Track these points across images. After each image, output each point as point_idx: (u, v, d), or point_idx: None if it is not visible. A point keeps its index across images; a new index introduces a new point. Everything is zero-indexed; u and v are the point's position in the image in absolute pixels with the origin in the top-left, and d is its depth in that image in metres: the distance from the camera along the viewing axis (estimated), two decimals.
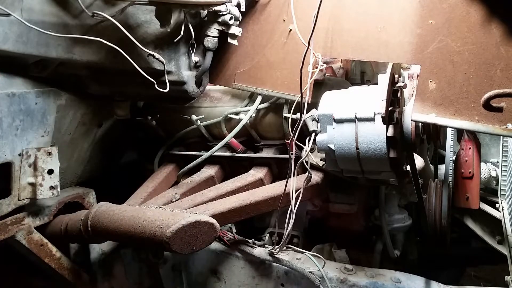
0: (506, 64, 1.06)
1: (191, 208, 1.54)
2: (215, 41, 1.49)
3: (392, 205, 1.80)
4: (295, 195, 1.31)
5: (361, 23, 1.35)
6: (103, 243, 1.62)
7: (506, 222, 1.64)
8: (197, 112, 1.86)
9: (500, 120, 1.05)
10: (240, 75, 1.64)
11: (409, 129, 1.17)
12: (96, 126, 1.95)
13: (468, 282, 2.13)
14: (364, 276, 1.33)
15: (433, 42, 1.18)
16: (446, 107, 1.14)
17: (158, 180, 1.87)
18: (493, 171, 1.85)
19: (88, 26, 1.36)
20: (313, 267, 1.35)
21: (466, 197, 1.60)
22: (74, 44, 1.36)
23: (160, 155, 2.04)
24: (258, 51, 1.59)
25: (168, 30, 1.43)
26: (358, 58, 1.44)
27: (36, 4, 1.26)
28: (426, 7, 1.21)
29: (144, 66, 1.39)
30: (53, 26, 1.29)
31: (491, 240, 1.85)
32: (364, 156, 1.22)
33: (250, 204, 1.48)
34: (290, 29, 1.50)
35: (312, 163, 1.46)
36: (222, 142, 1.71)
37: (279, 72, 1.54)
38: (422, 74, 1.20)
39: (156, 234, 1.26)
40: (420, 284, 1.28)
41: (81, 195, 1.78)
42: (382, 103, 1.10)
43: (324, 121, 1.31)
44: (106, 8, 1.34)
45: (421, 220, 1.55)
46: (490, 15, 1.09)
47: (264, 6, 1.57)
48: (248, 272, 1.54)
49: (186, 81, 1.53)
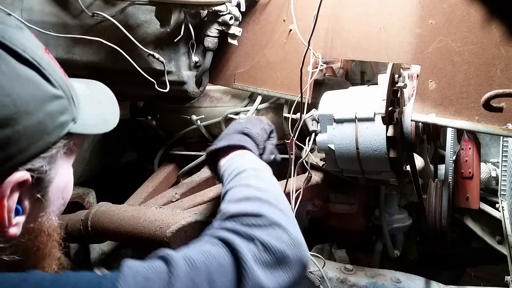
0: (506, 64, 1.06)
1: (191, 208, 1.54)
2: (215, 41, 1.49)
3: (392, 205, 1.80)
4: (295, 195, 1.31)
5: (361, 23, 1.35)
6: (103, 243, 1.62)
7: (506, 222, 1.64)
8: (197, 112, 1.86)
9: (500, 120, 1.05)
10: (240, 75, 1.64)
11: (409, 129, 1.17)
12: None
13: (468, 282, 2.13)
14: (364, 276, 1.33)
15: (433, 42, 1.18)
16: (446, 107, 1.14)
17: (158, 180, 1.87)
18: (493, 171, 1.85)
19: (88, 26, 1.36)
20: (313, 267, 1.35)
21: (466, 197, 1.60)
22: (74, 44, 1.36)
23: (160, 155, 2.04)
24: (258, 51, 1.59)
25: (168, 30, 1.43)
26: (358, 58, 1.44)
27: (36, 4, 1.26)
28: (426, 7, 1.21)
29: (144, 66, 1.39)
30: (53, 26, 1.29)
31: (491, 240, 1.85)
32: (364, 156, 1.22)
33: None
34: (290, 29, 1.50)
35: (312, 163, 1.46)
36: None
37: (279, 72, 1.54)
38: (422, 74, 1.20)
39: (156, 234, 1.26)
40: (420, 284, 1.28)
41: (81, 195, 1.78)
42: (382, 103, 1.10)
43: (324, 121, 1.31)
44: (106, 8, 1.34)
45: (421, 220, 1.55)
46: (490, 15, 1.09)
47: (264, 6, 1.57)
48: None
49: (186, 81, 1.53)
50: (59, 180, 0.70)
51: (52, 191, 0.69)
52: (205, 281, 0.64)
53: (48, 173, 0.65)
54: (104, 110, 0.80)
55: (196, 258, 0.67)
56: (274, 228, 0.76)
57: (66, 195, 0.75)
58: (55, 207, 0.71)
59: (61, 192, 0.72)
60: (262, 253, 0.70)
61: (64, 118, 0.66)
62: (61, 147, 0.67)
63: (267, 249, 0.71)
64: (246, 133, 1.12)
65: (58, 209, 0.73)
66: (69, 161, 0.74)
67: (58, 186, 0.70)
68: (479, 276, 2.19)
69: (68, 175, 0.74)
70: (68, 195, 0.76)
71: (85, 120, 0.71)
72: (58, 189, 0.71)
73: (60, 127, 0.65)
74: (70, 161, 0.74)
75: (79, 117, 0.70)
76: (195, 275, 0.64)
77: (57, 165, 0.68)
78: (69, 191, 0.76)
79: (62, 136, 0.66)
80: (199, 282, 0.63)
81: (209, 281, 0.64)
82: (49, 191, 0.68)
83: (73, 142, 0.71)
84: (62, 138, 0.66)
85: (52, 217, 0.70)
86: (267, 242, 0.72)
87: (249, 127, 1.14)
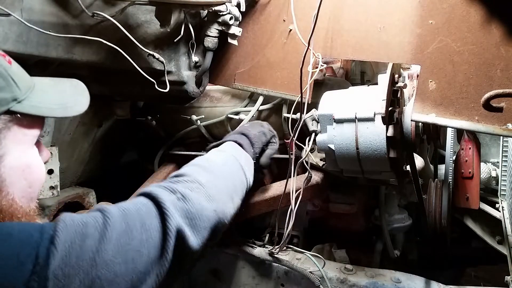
0: (506, 64, 1.06)
1: None
2: (215, 41, 1.49)
3: (392, 205, 1.80)
4: (295, 195, 1.31)
5: (361, 23, 1.35)
6: None
7: (506, 222, 1.64)
8: (197, 112, 1.86)
9: (500, 120, 1.05)
10: (240, 75, 1.64)
11: (409, 129, 1.17)
12: (96, 126, 1.95)
13: (468, 282, 2.13)
14: (364, 276, 1.33)
15: (433, 42, 1.18)
16: (446, 107, 1.14)
17: (158, 180, 1.87)
18: (493, 171, 1.85)
19: (88, 26, 1.36)
20: (313, 267, 1.35)
21: (466, 197, 1.60)
22: (74, 44, 1.36)
23: (160, 155, 2.04)
24: (258, 51, 1.59)
25: (168, 30, 1.43)
26: (358, 58, 1.44)
27: (36, 4, 1.26)
28: (426, 7, 1.21)
29: (144, 66, 1.39)
30: (53, 26, 1.29)
31: (491, 240, 1.85)
32: (364, 156, 1.22)
33: (250, 204, 1.48)
34: (290, 29, 1.50)
35: (312, 163, 1.46)
36: None
37: (279, 72, 1.54)
38: (422, 74, 1.20)
39: None
40: (420, 284, 1.28)
41: (81, 195, 1.78)
42: (382, 103, 1.10)
43: (324, 121, 1.31)
44: (106, 8, 1.34)
45: (421, 220, 1.55)
46: (490, 15, 1.08)
47: (264, 6, 1.57)
48: (248, 272, 1.54)
49: (186, 81, 1.53)
50: (14, 160, 0.72)
51: (6, 171, 0.71)
52: (138, 222, 0.75)
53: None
54: (68, 99, 0.85)
55: (127, 206, 0.78)
56: (194, 183, 0.92)
57: (31, 177, 0.77)
58: (17, 189, 0.73)
59: (22, 172, 0.74)
60: (181, 202, 0.84)
61: (0, 96, 0.69)
62: (5, 125, 0.71)
63: (185, 198, 0.85)
64: (244, 133, 1.27)
65: (22, 191, 0.75)
66: (27, 142, 0.76)
67: (14, 166, 0.72)
68: (479, 276, 2.18)
69: (28, 157, 0.77)
70: (33, 177, 0.78)
71: (36, 103, 0.75)
72: (15, 169, 0.73)
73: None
74: (29, 142, 0.77)
75: (26, 99, 0.74)
76: (128, 219, 0.74)
77: (4, 144, 0.70)
78: (34, 173, 0.78)
79: (0, 113, 0.70)
80: (132, 223, 0.74)
81: (141, 222, 0.75)
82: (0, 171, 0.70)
83: (25, 123, 0.74)
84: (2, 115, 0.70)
85: (15, 198, 0.73)
86: (185, 193, 0.86)
87: (248, 128, 1.30)
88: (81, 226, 0.67)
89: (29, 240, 0.61)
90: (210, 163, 1.07)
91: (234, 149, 1.21)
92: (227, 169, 1.09)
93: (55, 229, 0.64)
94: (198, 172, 0.98)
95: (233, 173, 1.10)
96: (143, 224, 0.75)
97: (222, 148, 1.22)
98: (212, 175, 1.00)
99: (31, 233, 0.62)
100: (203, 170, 1.01)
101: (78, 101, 0.87)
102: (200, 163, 1.05)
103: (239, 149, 1.22)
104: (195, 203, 0.86)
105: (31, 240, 0.61)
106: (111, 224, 0.70)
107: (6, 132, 0.71)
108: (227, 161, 1.13)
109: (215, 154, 1.17)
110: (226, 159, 1.14)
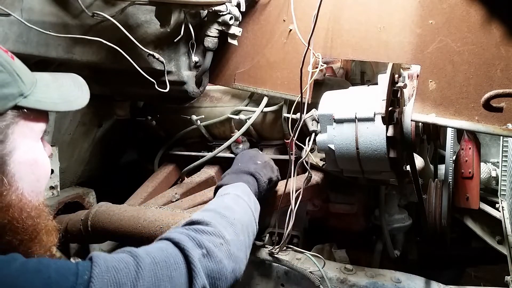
0: (506, 64, 1.06)
1: (191, 208, 1.54)
2: (215, 41, 1.49)
3: (392, 205, 1.80)
4: (295, 195, 1.31)
5: (361, 23, 1.35)
6: (103, 243, 1.62)
7: (506, 222, 1.64)
8: (197, 112, 1.86)
9: (500, 120, 1.05)
10: (240, 75, 1.64)
11: (409, 129, 1.17)
12: (96, 126, 1.95)
13: (468, 282, 2.13)
14: (364, 276, 1.33)
15: (433, 42, 1.18)
16: (446, 107, 1.14)
17: (158, 180, 1.87)
18: (493, 171, 1.85)
19: (88, 26, 1.36)
20: (313, 267, 1.35)
21: (466, 197, 1.60)
22: (74, 44, 1.36)
23: (160, 155, 2.04)
24: (258, 51, 1.59)
25: (168, 30, 1.43)
26: (358, 58, 1.44)
27: (36, 4, 1.26)
28: (426, 7, 1.21)
29: (144, 66, 1.39)
30: (53, 26, 1.29)
31: (491, 240, 1.85)
32: (364, 156, 1.22)
33: None
34: (290, 29, 1.50)
35: (312, 163, 1.46)
36: (228, 142, 1.70)
37: (279, 72, 1.54)
38: (422, 74, 1.20)
39: (156, 234, 1.26)
40: (420, 284, 1.28)
41: (81, 195, 1.78)
42: (382, 103, 1.10)
43: (324, 121, 1.31)
44: (106, 8, 1.34)
45: (421, 220, 1.55)
46: (490, 15, 1.08)
47: (264, 6, 1.57)
48: (248, 272, 1.54)
49: (186, 81, 1.53)
50: (22, 154, 0.73)
51: (15, 166, 0.71)
52: (166, 276, 0.74)
53: (1, 147, 0.69)
54: (69, 94, 0.85)
55: (156, 254, 0.77)
56: (219, 238, 0.92)
57: (38, 171, 0.77)
58: (26, 183, 0.74)
59: (30, 167, 0.75)
60: (206, 259, 0.84)
61: (7, 91, 0.69)
62: (13, 120, 0.71)
63: (210, 255, 0.86)
64: (256, 177, 1.28)
65: (31, 185, 0.75)
66: (34, 137, 0.77)
67: (22, 161, 0.73)
68: (479, 276, 2.18)
69: (35, 151, 0.77)
70: (41, 171, 0.79)
71: (40, 98, 0.76)
72: (23, 164, 0.73)
73: (4, 99, 0.69)
74: (35, 137, 0.77)
75: (31, 94, 0.74)
76: (157, 270, 0.74)
77: (12, 139, 0.71)
78: (41, 167, 0.79)
79: (8, 108, 0.70)
80: (160, 275, 0.73)
81: (169, 277, 0.75)
82: (9, 166, 0.70)
83: (32, 117, 0.75)
84: (9, 110, 0.70)
85: (24, 193, 0.73)
86: (210, 249, 0.86)
87: (260, 173, 1.30)
88: (114, 272, 0.68)
89: (65, 285, 0.62)
90: (231, 213, 1.04)
91: (247, 196, 1.19)
92: (246, 220, 1.08)
93: (90, 274, 0.64)
94: (222, 225, 0.97)
95: (248, 226, 1.09)
96: (170, 278, 0.75)
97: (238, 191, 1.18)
98: (235, 231, 1.00)
99: (67, 277, 0.62)
100: (226, 223, 0.99)
101: (79, 95, 0.88)
102: (222, 212, 1.03)
103: (251, 195, 1.21)
104: (218, 262, 0.87)
105: (67, 285, 0.62)
106: (142, 275, 0.71)
107: (14, 127, 0.71)
108: (246, 212, 1.12)
109: (233, 199, 1.14)
110: (245, 210, 1.12)
